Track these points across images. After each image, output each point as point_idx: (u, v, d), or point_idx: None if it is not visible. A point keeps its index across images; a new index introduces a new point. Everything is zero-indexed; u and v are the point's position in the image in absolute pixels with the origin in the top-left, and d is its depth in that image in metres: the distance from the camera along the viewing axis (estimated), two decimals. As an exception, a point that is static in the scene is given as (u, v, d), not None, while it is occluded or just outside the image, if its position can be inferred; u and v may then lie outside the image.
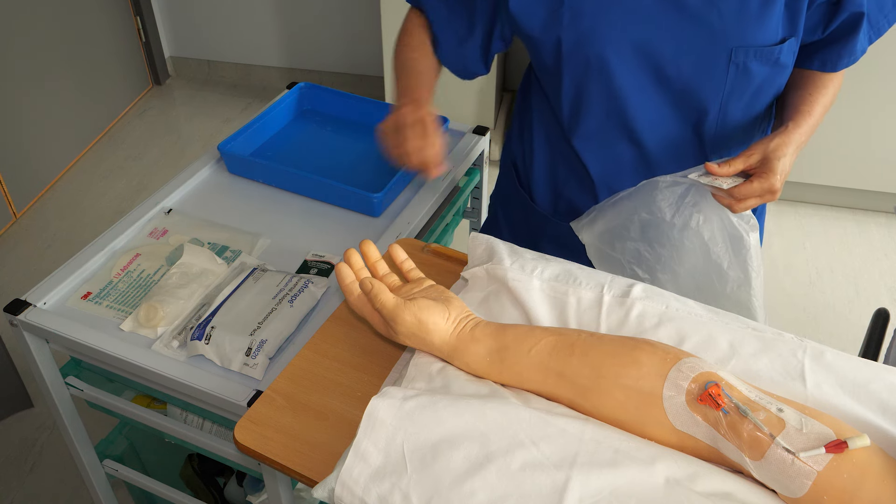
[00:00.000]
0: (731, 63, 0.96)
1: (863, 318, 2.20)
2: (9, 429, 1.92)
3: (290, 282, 1.07)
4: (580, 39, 0.98)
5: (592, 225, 1.07)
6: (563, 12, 0.97)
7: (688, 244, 0.98)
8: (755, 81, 0.99)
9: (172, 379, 0.97)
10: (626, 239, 1.02)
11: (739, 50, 0.95)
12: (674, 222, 0.98)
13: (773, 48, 0.96)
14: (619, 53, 0.97)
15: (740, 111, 1.03)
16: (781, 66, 0.99)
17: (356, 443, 0.64)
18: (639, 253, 1.02)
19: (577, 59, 1.00)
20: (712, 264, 0.98)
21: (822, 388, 0.66)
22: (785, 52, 0.97)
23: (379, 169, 1.37)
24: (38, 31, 2.63)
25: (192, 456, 1.45)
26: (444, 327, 0.72)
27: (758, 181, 0.93)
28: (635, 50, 0.97)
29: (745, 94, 1.01)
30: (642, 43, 0.96)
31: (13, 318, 1.06)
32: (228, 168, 1.36)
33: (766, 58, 0.96)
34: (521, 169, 1.23)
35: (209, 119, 3.17)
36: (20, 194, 2.62)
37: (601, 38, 0.97)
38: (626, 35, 0.96)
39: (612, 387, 0.66)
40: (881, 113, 2.40)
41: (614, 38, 0.96)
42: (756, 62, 0.96)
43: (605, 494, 0.58)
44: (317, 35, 3.21)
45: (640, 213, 1.00)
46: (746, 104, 1.03)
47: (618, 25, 0.96)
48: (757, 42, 0.95)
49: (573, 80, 1.03)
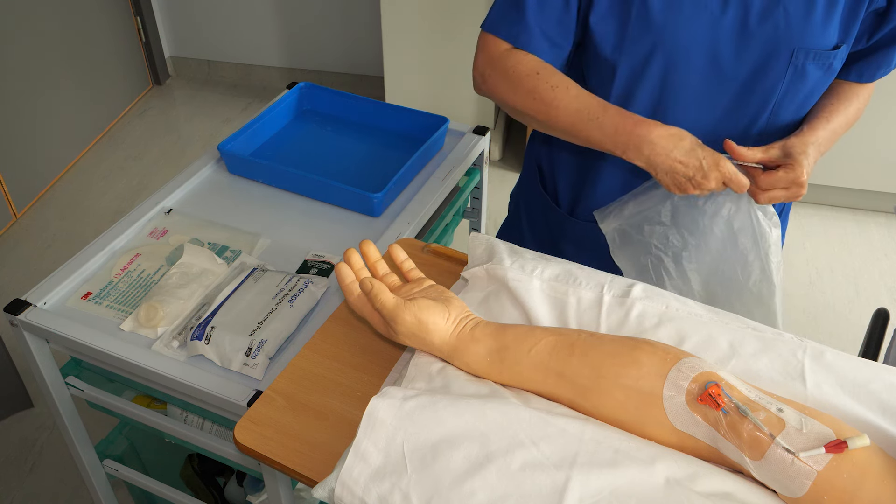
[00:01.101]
0: (790, 64, 0.96)
1: (863, 318, 2.20)
2: (9, 429, 1.92)
3: (290, 282, 1.07)
4: (646, 31, 0.96)
5: (622, 209, 1.06)
6: (634, 2, 0.95)
7: (717, 231, 0.98)
8: (808, 85, 0.99)
9: (172, 379, 0.98)
10: (656, 223, 1.02)
11: (800, 51, 0.95)
12: (705, 209, 0.99)
13: (830, 52, 0.96)
14: (684, 47, 0.96)
15: (790, 115, 1.03)
16: (832, 72, 0.99)
17: (356, 443, 0.64)
18: (667, 238, 1.02)
19: (637, 51, 0.98)
20: (738, 254, 0.98)
21: (822, 388, 0.66)
22: (838, 58, 0.97)
23: (379, 169, 1.37)
24: (39, 32, 2.63)
25: (192, 456, 1.45)
26: (444, 327, 0.72)
27: (783, 171, 0.92)
28: (699, 45, 0.96)
29: (797, 97, 1.01)
30: (707, 39, 0.95)
31: (13, 318, 1.06)
32: (228, 168, 1.36)
33: (822, 61, 0.96)
34: (545, 170, 1.22)
35: (209, 119, 3.17)
36: (20, 194, 2.62)
37: (668, 30, 0.95)
38: (693, 29, 0.95)
39: (612, 387, 0.66)
40: (881, 113, 2.40)
41: (680, 32, 0.95)
42: (813, 65, 0.96)
43: (605, 494, 0.58)
44: (317, 35, 3.21)
45: (674, 196, 1.00)
46: (797, 108, 1.03)
47: (686, 19, 0.95)
48: (817, 45, 0.95)
49: (629, 75, 1.00)
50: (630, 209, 1.05)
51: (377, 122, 1.49)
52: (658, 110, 1.02)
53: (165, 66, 3.41)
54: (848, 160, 2.50)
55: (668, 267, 1.03)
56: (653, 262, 1.03)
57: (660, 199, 1.02)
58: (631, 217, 1.05)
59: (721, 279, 1.01)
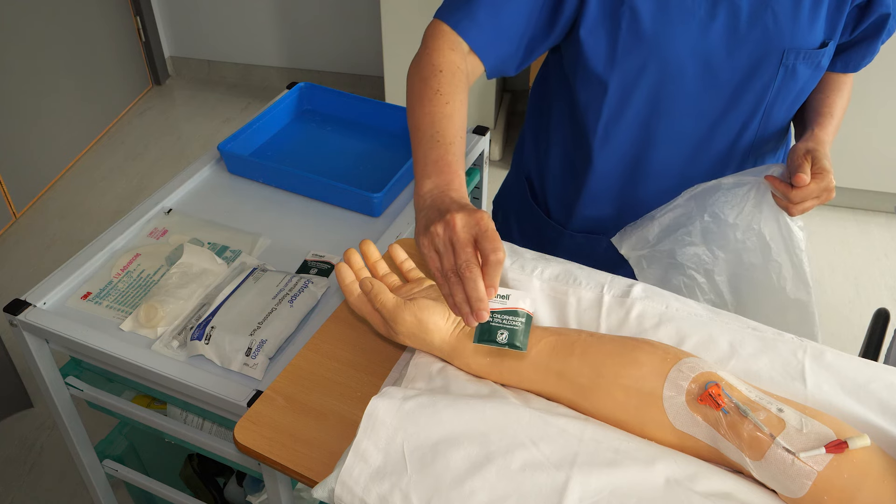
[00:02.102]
0: (781, 65, 0.97)
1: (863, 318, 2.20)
2: (9, 429, 1.92)
3: (290, 282, 1.07)
4: (637, 40, 0.96)
5: (644, 234, 1.05)
6: (623, 12, 0.95)
7: (749, 245, 0.99)
8: (799, 84, 1.00)
9: (172, 379, 0.97)
10: (687, 244, 1.02)
11: (790, 52, 0.95)
12: (737, 223, 0.99)
13: (818, 51, 0.97)
14: (676, 56, 0.96)
15: (782, 115, 1.04)
16: (821, 69, 1.00)
17: (356, 443, 0.64)
18: (699, 257, 1.02)
19: (630, 61, 0.98)
20: (773, 263, 0.99)
21: (823, 388, 0.66)
22: (826, 55, 0.98)
23: (379, 169, 1.37)
24: (38, 32, 2.63)
25: (192, 456, 1.45)
26: (444, 327, 0.72)
27: (814, 182, 0.93)
28: (691, 52, 0.96)
29: (788, 97, 1.02)
30: (698, 45, 0.96)
31: (13, 318, 1.06)
32: (228, 168, 1.36)
33: (811, 60, 0.97)
34: (535, 183, 1.22)
35: (209, 119, 3.17)
36: (20, 194, 2.62)
37: (659, 39, 0.95)
38: (684, 36, 0.95)
39: (612, 387, 0.66)
40: (881, 113, 2.40)
41: (672, 40, 0.96)
42: (803, 65, 0.97)
43: (605, 494, 0.58)
44: (317, 35, 3.21)
45: (704, 216, 1.00)
46: (788, 107, 1.04)
47: (676, 27, 0.95)
48: (806, 45, 0.96)
49: (621, 86, 1.00)
50: (655, 233, 1.05)
51: (377, 122, 1.49)
52: (651, 121, 1.03)
53: (165, 66, 3.41)
54: (848, 160, 2.50)
55: (700, 284, 1.03)
56: (685, 282, 1.04)
57: (687, 218, 1.02)
58: (659, 242, 1.05)
59: (755, 288, 1.02)
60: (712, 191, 1.00)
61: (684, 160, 1.06)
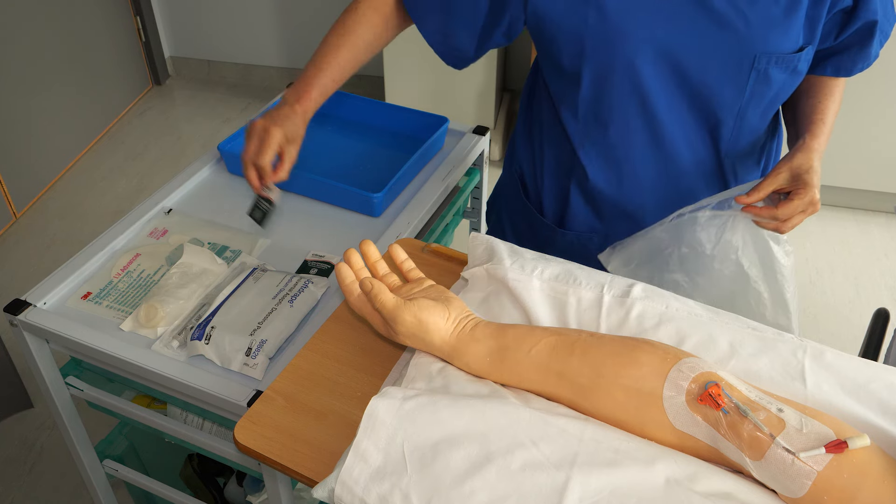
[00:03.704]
0: (753, 69, 0.96)
1: (863, 318, 2.20)
2: (9, 429, 1.92)
3: (290, 282, 1.07)
4: (605, 39, 0.96)
5: (626, 258, 1.06)
6: (589, 11, 0.95)
7: (727, 273, 0.99)
8: (773, 88, 0.99)
9: (172, 379, 0.97)
10: (665, 271, 1.03)
11: (763, 56, 0.95)
12: (714, 254, 0.99)
13: (794, 55, 0.96)
14: (645, 55, 0.96)
15: (757, 118, 1.04)
16: (798, 74, 0.99)
17: (356, 443, 0.64)
18: (677, 283, 1.03)
19: (599, 60, 0.98)
20: (752, 291, 0.99)
21: (823, 388, 0.66)
22: (803, 59, 0.97)
23: (379, 169, 1.37)
24: (38, 32, 2.63)
25: (192, 456, 1.45)
26: (444, 327, 0.72)
27: (797, 198, 0.94)
28: (660, 53, 0.96)
29: (763, 101, 1.01)
30: (668, 46, 0.95)
31: (13, 318, 1.06)
32: (228, 168, 1.36)
33: (786, 65, 0.96)
34: (528, 182, 1.22)
35: (209, 119, 3.17)
36: (20, 194, 2.62)
37: (627, 38, 0.95)
38: (653, 37, 0.95)
39: (612, 387, 0.66)
40: (881, 113, 2.40)
41: (640, 40, 0.95)
42: (777, 69, 0.96)
43: (605, 494, 0.58)
44: (317, 35, 3.19)
45: (681, 248, 1.01)
46: (763, 111, 1.03)
47: (644, 26, 0.94)
48: (780, 49, 0.95)
49: (593, 84, 1.01)
50: (636, 257, 1.05)
51: (377, 122, 1.49)
52: (626, 122, 1.03)
53: (165, 66, 3.41)
54: (848, 160, 2.50)
55: None
56: None
57: (664, 248, 1.02)
58: (639, 267, 1.06)
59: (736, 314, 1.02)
60: (690, 223, 1.00)
61: (663, 161, 1.07)
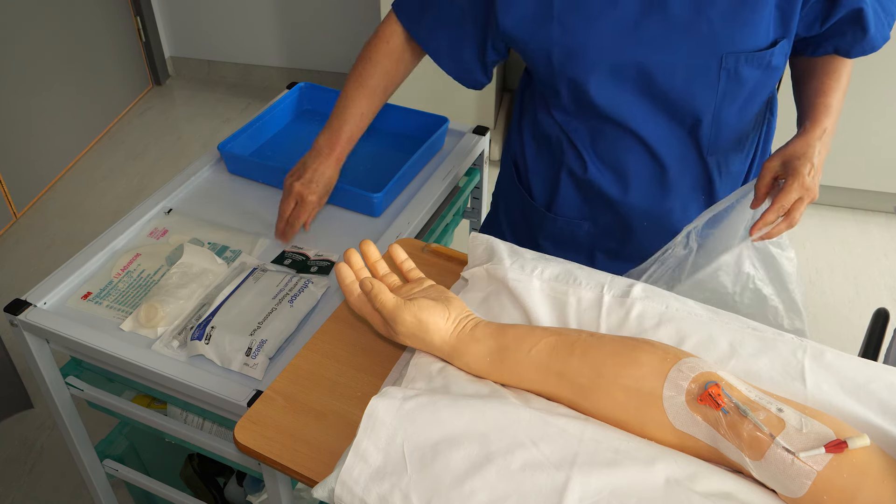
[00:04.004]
0: (721, 69, 0.95)
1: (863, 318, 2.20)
2: (9, 429, 1.92)
3: (290, 282, 1.07)
4: (570, 53, 0.98)
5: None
6: (553, 27, 0.97)
7: (746, 301, 0.99)
8: (747, 86, 0.99)
9: (172, 379, 0.97)
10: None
11: (730, 56, 0.94)
12: (735, 290, 0.99)
13: (765, 52, 0.95)
14: (611, 66, 0.97)
15: (734, 116, 1.03)
16: (773, 69, 0.98)
17: (356, 443, 0.64)
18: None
19: (568, 72, 1.00)
20: (769, 308, 0.99)
21: (822, 388, 0.66)
22: (777, 54, 0.96)
23: (379, 169, 1.37)
24: (38, 32, 2.63)
25: (192, 456, 1.45)
26: (444, 327, 0.72)
27: (788, 186, 0.92)
28: (626, 62, 0.96)
29: (737, 99, 1.00)
30: (632, 55, 0.96)
31: (13, 318, 1.06)
32: (228, 168, 1.36)
33: (757, 62, 0.96)
34: (520, 166, 1.23)
35: (209, 119, 3.17)
36: (20, 194, 2.62)
37: (590, 51, 0.97)
38: (616, 48, 0.96)
39: (612, 387, 0.66)
40: (881, 113, 2.40)
41: (604, 51, 0.96)
42: (747, 67, 0.96)
43: (605, 494, 0.58)
44: (317, 35, 3.21)
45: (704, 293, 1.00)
46: (739, 108, 1.03)
47: (607, 38, 0.95)
48: (747, 47, 0.94)
49: (569, 90, 1.03)
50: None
51: (377, 122, 1.48)
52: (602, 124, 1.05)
53: (165, 66, 3.41)
54: (848, 160, 2.50)
55: None
56: None
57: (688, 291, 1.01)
58: None
59: None
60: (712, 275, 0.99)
61: (647, 157, 1.07)
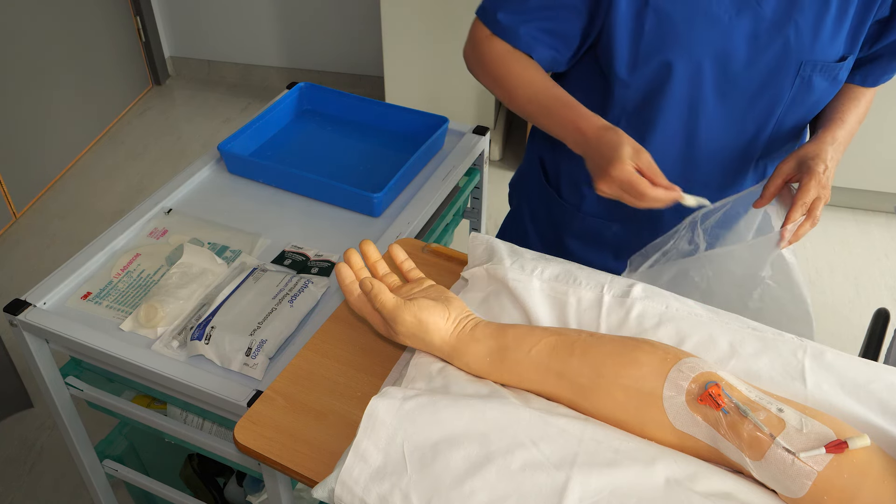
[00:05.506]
0: (797, 76, 0.97)
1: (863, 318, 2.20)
2: (9, 429, 1.92)
3: (290, 282, 1.07)
4: (660, 46, 0.97)
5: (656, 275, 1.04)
6: (647, 18, 0.95)
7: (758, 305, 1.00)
8: (814, 95, 1.00)
9: (172, 379, 0.97)
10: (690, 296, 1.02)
11: (808, 64, 0.96)
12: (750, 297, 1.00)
13: (837, 64, 0.97)
14: (698, 61, 0.97)
15: (795, 122, 1.05)
16: (838, 83, 1.01)
17: (356, 443, 0.64)
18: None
19: (652, 63, 0.98)
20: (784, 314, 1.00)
21: (823, 388, 0.66)
22: (844, 69, 0.99)
23: (379, 169, 1.37)
24: (38, 32, 2.63)
25: (192, 456, 1.45)
26: (444, 327, 0.72)
27: (806, 181, 0.94)
28: (714, 57, 0.97)
29: (802, 107, 1.02)
30: (721, 51, 0.96)
31: (13, 318, 1.06)
32: (228, 168, 1.36)
33: (829, 73, 0.98)
34: (548, 165, 1.22)
35: (209, 119, 3.17)
36: (20, 194, 2.62)
37: (682, 44, 0.96)
38: (708, 42, 0.96)
39: (612, 387, 0.66)
40: (881, 113, 2.39)
41: (695, 44, 0.96)
42: (820, 77, 0.98)
43: (605, 494, 0.58)
44: (317, 35, 3.21)
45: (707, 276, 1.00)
46: (801, 116, 1.04)
47: (701, 33, 0.95)
48: (825, 58, 0.96)
49: (640, 85, 1.01)
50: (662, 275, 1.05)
51: (377, 122, 1.49)
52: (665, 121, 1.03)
53: (165, 66, 3.41)
54: (848, 160, 2.49)
55: None
56: None
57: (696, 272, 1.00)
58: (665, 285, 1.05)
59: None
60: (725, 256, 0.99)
61: (693, 160, 1.07)
